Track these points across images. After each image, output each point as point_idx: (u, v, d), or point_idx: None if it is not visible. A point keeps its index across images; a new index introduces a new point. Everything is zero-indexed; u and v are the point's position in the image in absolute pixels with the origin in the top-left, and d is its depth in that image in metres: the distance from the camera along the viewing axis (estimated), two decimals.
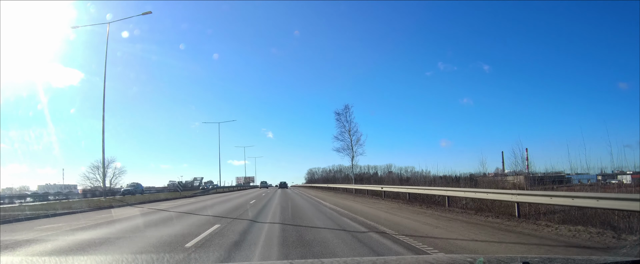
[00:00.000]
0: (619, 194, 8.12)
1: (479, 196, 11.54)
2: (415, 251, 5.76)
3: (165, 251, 5.87)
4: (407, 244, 6.31)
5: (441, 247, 6.03)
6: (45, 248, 6.64)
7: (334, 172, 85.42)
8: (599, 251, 5.70)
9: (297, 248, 6.00)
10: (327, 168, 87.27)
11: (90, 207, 17.92)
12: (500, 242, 6.49)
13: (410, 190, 17.67)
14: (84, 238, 7.80)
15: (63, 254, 6.03)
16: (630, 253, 5.54)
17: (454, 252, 5.60)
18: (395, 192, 20.27)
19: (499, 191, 10.93)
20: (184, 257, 5.46)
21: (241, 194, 35.11)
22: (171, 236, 7.60)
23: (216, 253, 5.76)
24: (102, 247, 6.53)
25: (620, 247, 5.94)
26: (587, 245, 6.17)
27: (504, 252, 5.68)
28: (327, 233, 7.84)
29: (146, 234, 8.42)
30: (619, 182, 29.68)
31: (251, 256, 5.54)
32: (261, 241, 6.77)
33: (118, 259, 5.48)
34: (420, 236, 7.27)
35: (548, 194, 9.09)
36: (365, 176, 61.83)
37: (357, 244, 6.39)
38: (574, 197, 8.13)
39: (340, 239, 6.88)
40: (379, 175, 67.38)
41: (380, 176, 63.28)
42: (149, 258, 5.40)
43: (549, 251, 5.73)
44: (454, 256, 4.50)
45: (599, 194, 7.84)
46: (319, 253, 5.56)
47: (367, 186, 28.81)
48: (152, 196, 30.80)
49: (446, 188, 14.54)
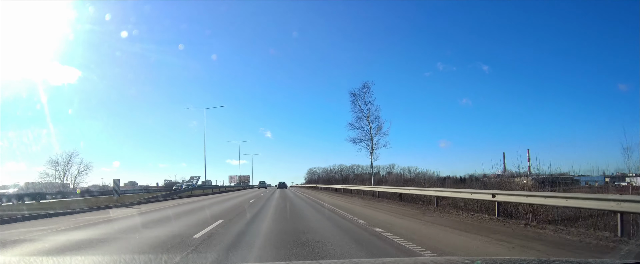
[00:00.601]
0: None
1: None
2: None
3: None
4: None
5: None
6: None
7: (335, 172, 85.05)
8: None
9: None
10: (328, 168, 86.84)
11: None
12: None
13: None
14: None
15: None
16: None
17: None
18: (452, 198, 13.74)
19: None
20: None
21: (230, 197, 27.53)
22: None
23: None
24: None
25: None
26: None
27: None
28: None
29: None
30: (629, 184, 28.71)
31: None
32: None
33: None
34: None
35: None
36: (366, 176, 60.82)
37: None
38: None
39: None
40: (381, 175, 66.58)
41: (382, 176, 62.35)
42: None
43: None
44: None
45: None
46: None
47: (391, 188, 21.82)
48: (81, 204, 18.22)
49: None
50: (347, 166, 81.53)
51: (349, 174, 77.00)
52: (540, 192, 9.65)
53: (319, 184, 62.47)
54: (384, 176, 60.38)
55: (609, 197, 7.11)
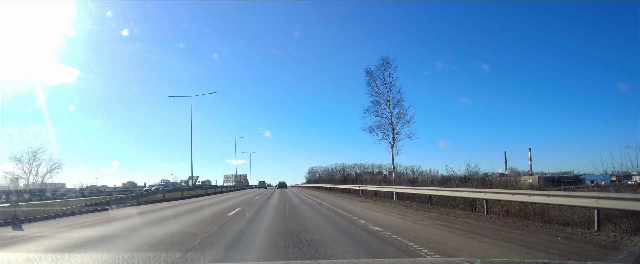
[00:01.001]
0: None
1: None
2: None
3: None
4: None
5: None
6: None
7: (336, 170, 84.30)
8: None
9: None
10: (330, 167, 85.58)
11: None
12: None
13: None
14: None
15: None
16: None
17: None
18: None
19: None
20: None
21: (218, 200, 22.68)
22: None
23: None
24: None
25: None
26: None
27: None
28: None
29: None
30: (636, 183, 28.14)
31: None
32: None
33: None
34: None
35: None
36: (366, 176, 60.15)
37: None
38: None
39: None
40: (383, 174, 65.87)
41: (384, 175, 61.67)
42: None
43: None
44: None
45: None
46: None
47: (412, 188, 18.59)
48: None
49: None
50: (349, 165, 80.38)
51: (351, 173, 76.40)
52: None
53: (320, 183, 59.96)
54: (386, 175, 59.71)
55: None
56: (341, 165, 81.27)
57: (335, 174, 77.32)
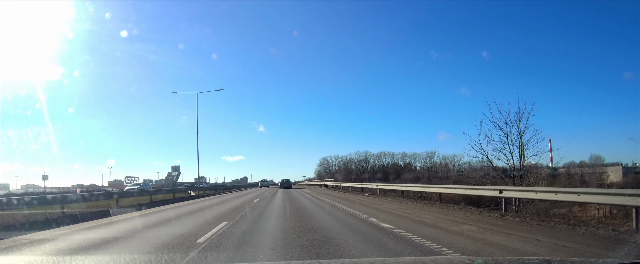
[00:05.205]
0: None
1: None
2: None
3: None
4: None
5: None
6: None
7: (357, 162, 74.50)
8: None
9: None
10: (347, 157, 75.94)
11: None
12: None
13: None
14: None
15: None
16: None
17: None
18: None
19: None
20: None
21: (202, 206, 15.44)
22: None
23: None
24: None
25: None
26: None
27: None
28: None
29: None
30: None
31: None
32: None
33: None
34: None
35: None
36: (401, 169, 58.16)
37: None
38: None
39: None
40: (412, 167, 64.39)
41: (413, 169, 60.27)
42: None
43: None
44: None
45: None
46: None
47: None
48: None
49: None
50: (373, 154, 74.57)
51: (375, 164, 72.11)
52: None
53: (340, 181, 40.92)
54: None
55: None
56: (364, 154, 73.65)
57: (354, 167, 71.31)
